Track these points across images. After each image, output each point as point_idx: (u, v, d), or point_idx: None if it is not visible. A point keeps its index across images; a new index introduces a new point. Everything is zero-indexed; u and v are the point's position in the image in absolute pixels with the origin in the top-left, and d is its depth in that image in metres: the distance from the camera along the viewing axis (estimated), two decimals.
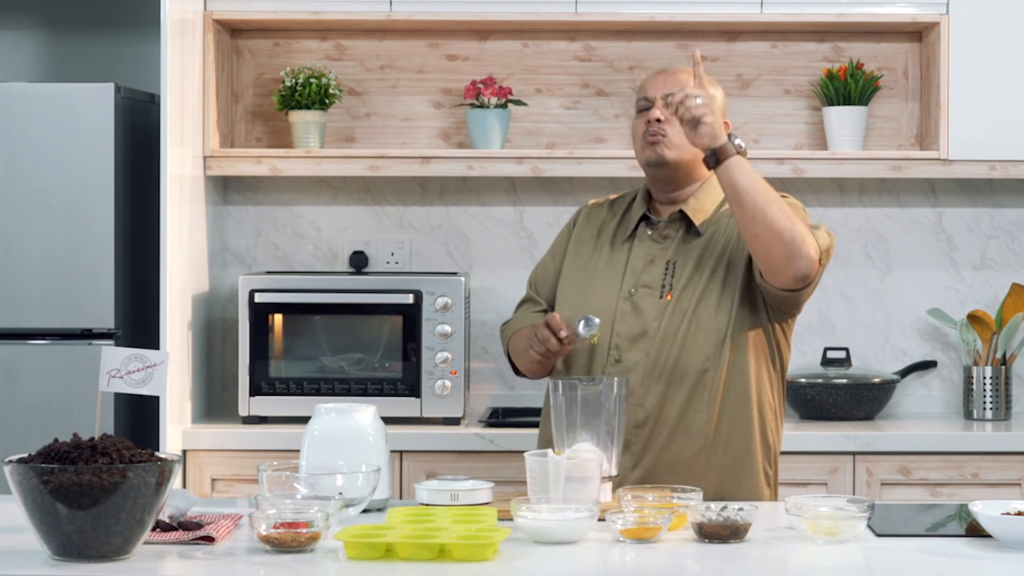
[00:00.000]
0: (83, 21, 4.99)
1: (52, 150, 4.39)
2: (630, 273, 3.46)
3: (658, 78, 3.51)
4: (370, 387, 4.54)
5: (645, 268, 3.45)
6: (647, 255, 3.47)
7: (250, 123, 4.97)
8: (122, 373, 2.88)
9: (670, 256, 3.45)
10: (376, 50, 4.96)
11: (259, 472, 3.01)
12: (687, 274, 3.42)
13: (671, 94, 3.37)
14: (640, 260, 3.46)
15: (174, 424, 4.38)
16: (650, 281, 3.44)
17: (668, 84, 3.46)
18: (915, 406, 4.92)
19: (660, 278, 3.44)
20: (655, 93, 3.47)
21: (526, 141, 4.94)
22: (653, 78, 3.52)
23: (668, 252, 3.46)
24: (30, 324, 4.41)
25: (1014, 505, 2.93)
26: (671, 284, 3.42)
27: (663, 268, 3.44)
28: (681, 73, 3.50)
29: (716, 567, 2.74)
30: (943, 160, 4.65)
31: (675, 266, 3.44)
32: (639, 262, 3.46)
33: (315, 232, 4.98)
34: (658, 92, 3.46)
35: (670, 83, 3.46)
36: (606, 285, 3.47)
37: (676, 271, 3.43)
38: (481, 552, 2.69)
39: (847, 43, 4.91)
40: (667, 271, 3.44)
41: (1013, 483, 4.41)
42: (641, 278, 3.45)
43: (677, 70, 3.53)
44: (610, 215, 3.58)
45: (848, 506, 2.93)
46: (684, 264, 3.43)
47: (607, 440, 3.17)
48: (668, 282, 3.43)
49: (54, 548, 2.65)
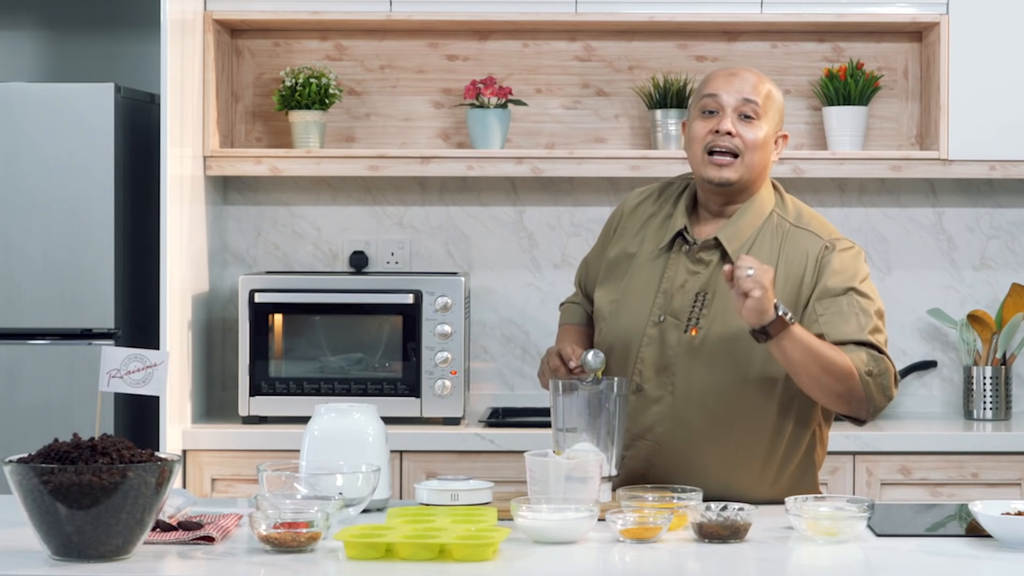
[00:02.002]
0: (83, 21, 4.99)
1: (52, 150, 4.39)
2: (662, 295, 3.27)
3: (728, 80, 3.26)
4: (370, 387, 4.54)
5: (676, 293, 3.26)
6: (680, 278, 3.26)
7: (250, 123, 4.97)
8: (122, 373, 2.88)
9: (702, 286, 3.25)
10: (376, 50, 4.97)
11: (259, 472, 3.01)
12: (717, 309, 3.22)
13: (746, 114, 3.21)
14: (672, 282, 3.26)
15: (174, 424, 4.38)
16: (678, 310, 3.24)
17: (738, 88, 3.24)
18: (915, 406, 4.92)
19: (688, 308, 3.24)
20: (727, 96, 3.24)
21: (526, 141, 4.94)
22: (720, 78, 3.28)
23: (701, 279, 3.25)
24: (30, 324, 4.41)
25: (1014, 505, 2.93)
26: (698, 318, 3.23)
27: (693, 298, 3.24)
28: (750, 74, 3.28)
29: (716, 567, 2.74)
30: (943, 160, 4.65)
31: (705, 298, 3.23)
32: (671, 284, 3.26)
33: (315, 232, 4.98)
34: (729, 95, 3.24)
35: (738, 86, 3.24)
36: (638, 306, 3.29)
37: (706, 304, 3.24)
38: (481, 552, 2.69)
39: (847, 43, 4.91)
40: (696, 302, 3.24)
41: (1013, 483, 4.41)
42: (671, 305, 3.25)
43: (742, 70, 3.29)
44: (655, 209, 3.38)
45: (848, 506, 2.93)
46: (714, 296, 3.23)
47: (607, 440, 3.17)
48: (696, 315, 3.23)
49: (54, 548, 2.65)
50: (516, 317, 4.96)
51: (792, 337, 3.06)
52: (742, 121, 3.23)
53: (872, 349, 3.17)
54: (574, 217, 4.95)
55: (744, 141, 3.23)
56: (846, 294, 3.20)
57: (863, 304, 3.20)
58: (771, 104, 3.27)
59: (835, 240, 3.27)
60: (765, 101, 3.25)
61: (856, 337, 3.16)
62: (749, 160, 3.24)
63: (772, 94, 3.28)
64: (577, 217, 4.94)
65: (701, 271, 3.27)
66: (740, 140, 3.23)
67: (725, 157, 3.23)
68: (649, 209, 3.40)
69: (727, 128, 3.22)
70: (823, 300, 3.20)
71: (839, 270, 3.22)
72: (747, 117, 3.23)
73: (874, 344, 3.17)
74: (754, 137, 3.24)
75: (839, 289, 3.20)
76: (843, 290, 3.20)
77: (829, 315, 3.19)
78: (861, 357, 3.15)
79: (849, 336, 3.16)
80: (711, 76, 3.31)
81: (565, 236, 4.94)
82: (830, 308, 3.19)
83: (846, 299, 3.20)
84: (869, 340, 3.17)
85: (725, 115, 3.23)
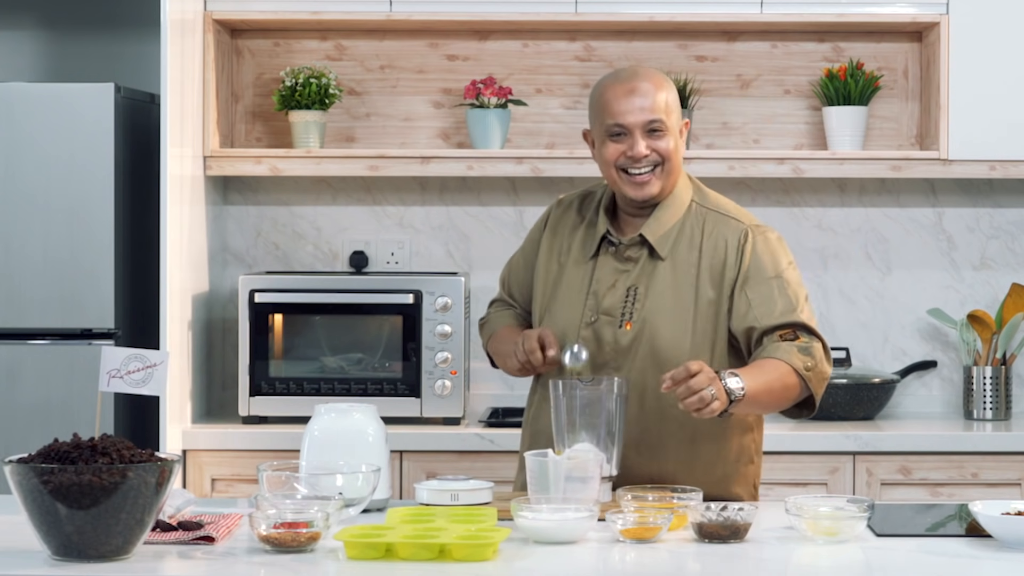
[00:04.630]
0: (83, 21, 4.99)
1: (52, 150, 4.39)
2: (592, 296, 3.34)
3: (628, 100, 3.26)
4: (370, 387, 4.54)
5: (606, 293, 3.33)
6: (609, 278, 3.34)
7: (250, 123, 4.97)
8: (122, 373, 2.88)
9: (632, 281, 3.32)
10: (376, 50, 4.97)
11: (259, 472, 3.01)
12: (649, 302, 3.31)
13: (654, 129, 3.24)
14: (602, 283, 3.34)
15: (174, 424, 4.38)
16: (610, 308, 3.32)
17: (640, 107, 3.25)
18: (915, 406, 4.92)
19: (620, 305, 3.32)
20: (631, 118, 3.26)
21: (526, 141, 4.94)
22: (619, 99, 3.27)
23: (631, 276, 3.33)
24: (30, 324, 4.41)
25: (1014, 505, 2.93)
26: (631, 312, 3.30)
27: (623, 294, 3.32)
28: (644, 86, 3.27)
29: (716, 567, 2.74)
30: (943, 160, 4.65)
31: (636, 292, 3.32)
32: (601, 285, 3.34)
33: (315, 232, 4.98)
34: (633, 117, 3.26)
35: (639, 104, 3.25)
36: (569, 309, 3.36)
37: (637, 298, 3.31)
38: (481, 552, 2.69)
39: (847, 43, 4.91)
40: (627, 298, 3.32)
41: (1013, 483, 4.41)
42: (602, 304, 3.33)
43: (636, 82, 3.27)
44: (579, 219, 3.45)
45: (848, 506, 2.93)
46: (646, 290, 3.32)
47: (607, 440, 3.17)
48: (628, 310, 3.31)
49: (54, 548, 2.65)
50: None
51: (749, 401, 3.12)
52: (651, 136, 3.27)
53: (801, 329, 3.24)
54: None
55: (659, 153, 3.28)
56: (775, 279, 3.28)
57: (790, 287, 3.28)
58: (671, 108, 3.29)
59: (756, 226, 3.35)
60: (666, 108, 3.28)
61: (787, 318, 3.23)
62: (667, 168, 3.30)
63: (669, 98, 3.29)
64: None
65: (630, 268, 3.34)
66: (655, 154, 3.28)
67: (644, 175, 3.29)
68: (572, 219, 3.47)
69: (641, 152, 3.27)
70: (752, 287, 3.27)
71: (763, 256, 3.30)
72: (655, 132, 3.27)
73: (803, 323, 3.24)
74: (666, 147, 3.28)
75: (766, 275, 3.28)
76: (770, 276, 3.28)
77: (758, 301, 3.26)
78: (795, 356, 3.20)
79: (779, 318, 3.24)
80: (610, 96, 3.28)
81: None
82: (759, 294, 3.27)
83: (776, 283, 3.27)
84: (799, 320, 3.24)
85: (634, 138, 3.27)
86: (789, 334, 3.23)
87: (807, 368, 3.20)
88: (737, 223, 3.34)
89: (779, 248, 3.33)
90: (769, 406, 3.22)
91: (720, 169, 4.67)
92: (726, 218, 3.35)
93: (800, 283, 3.32)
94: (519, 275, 3.56)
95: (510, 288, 3.58)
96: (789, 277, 3.30)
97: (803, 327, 3.25)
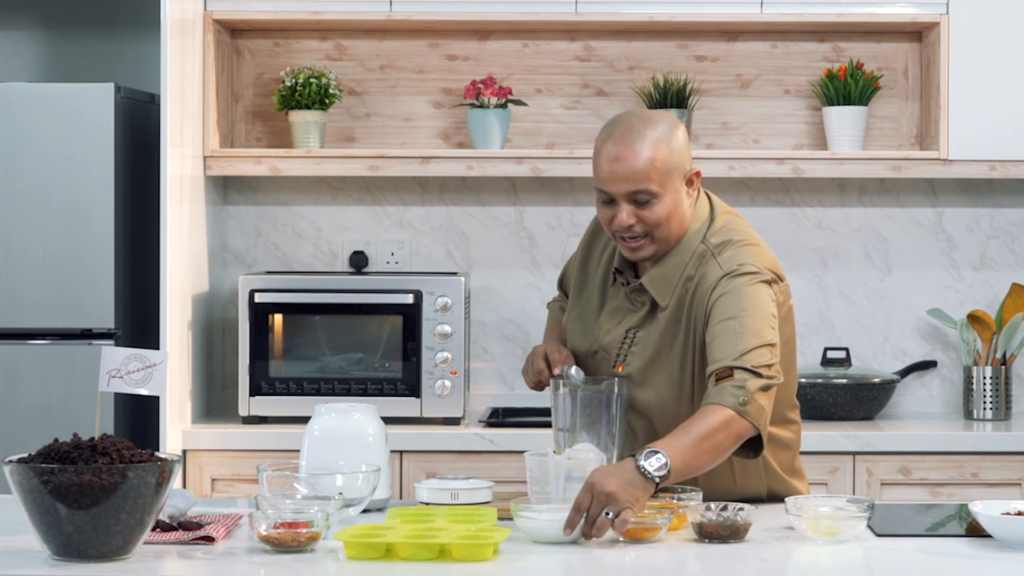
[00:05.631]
0: (83, 21, 4.99)
1: (52, 150, 4.39)
2: (599, 327, 3.31)
3: (612, 168, 3.16)
4: (370, 387, 4.54)
5: (610, 329, 3.29)
6: (615, 315, 3.30)
7: (250, 123, 4.97)
8: (122, 373, 2.88)
9: (633, 323, 3.26)
10: (376, 50, 4.97)
11: (259, 472, 3.01)
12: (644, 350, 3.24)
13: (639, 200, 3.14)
14: (609, 317, 3.30)
15: (174, 424, 4.38)
16: (608, 345, 3.28)
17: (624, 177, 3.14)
18: (915, 406, 4.92)
19: (617, 345, 3.28)
20: (615, 188, 3.16)
21: (526, 141, 4.94)
22: (605, 163, 3.17)
23: (633, 318, 3.27)
24: (30, 324, 4.41)
25: (1014, 505, 2.93)
26: (625, 355, 3.26)
27: (622, 335, 3.27)
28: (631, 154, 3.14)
29: (716, 567, 2.74)
30: (943, 160, 4.65)
31: (635, 336, 3.25)
32: (608, 319, 3.30)
33: (315, 232, 4.98)
34: (618, 187, 3.15)
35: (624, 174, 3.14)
36: (581, 331, 3.36)
37: (635, 341, 3.25)
38: (481, 552, 2.69)
39: (847, 43, 4.91)
40: (625, 339, 3.27)
41: (1013, 483, 4.41)
42: (604, 340, 3.30)
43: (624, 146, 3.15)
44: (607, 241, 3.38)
45: (848, 506, 2.94)
46: (644, 338, 3.25)
47: (608, 441, 3.17)
48: (624, 352, 3.27)
49: (54, 548, 2.65)
50: (516, 317, 4.96)
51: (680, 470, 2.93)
52: (638, 206, 3.17)
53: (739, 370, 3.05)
54: (574, 217, 4.94)
55: (648, 223, 3.18)
56: (729, 320, 3.11)
57: (745, 329, 3.09)
58: (663, 171, 3.16)
59: (735, 268, 3.17)
60: (655, 175, 3.15)
61: (725, 363, 3.06)
62: (660, 235, 3.20)
63: (659, 160, 3.16)
64: (577, 217, 4.94)
65: (635, 309, 3.27)
66: (643, 224, 3.18)
67: (636, 241, 3.21)
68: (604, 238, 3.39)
69: (624, 223, 3.17)
70: (710, 327, 3.14)
71: (728, 298, 3.13)
72: (642, 202, 3.17)
73: (738, 366, 3.05)
74: (654, 216, 3.18)
75: (723, 316, 3.12)
76: (725, 318, 3.12)
77: (712, 342, 3.11)
78: (726, 394, 3.03)
79: (718, 360, 3.07)
80: (600, 159, 3.19)
81: (565, 236, 4.94)
82: (714, 336, 3.12)
83: (728, 324, 3.10)
84: (737, 364, 3.05)
85: (619, 207, 3.17)
86: (725, 372, 3.06)
87: (742, 403, 3.00)
88: (717, 268, 3.19)
89: (746, 290, 3.14)
90: (712, 460, 2.99)
91: (720, 169, 4.67)
92: (713, 262, 3.20)
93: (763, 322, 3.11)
94: (568, 275, 3.54)
95: (563, 283, 3.57)
96: (745, 319, 3.10)
97: (741, 368, 3.05)
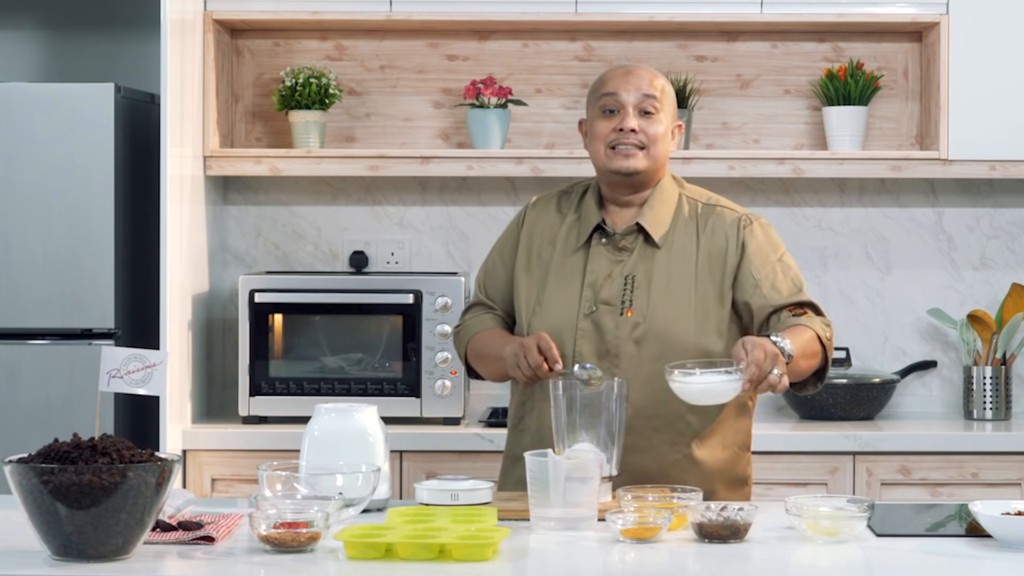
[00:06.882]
0: (83, 21, 4.99)
1: (52, 150, 4.39)
2: (588, 288, 3.38)
3: (625, 79, 3.40)
4: (370, 387, 4.54)
5: (604, 284, 3.38)
6: (604, 269, 3.39)
7: (250, 123, 4.97)
8: (122, 373, 2.88)
9: (628, 270, 3.38)
10: (376, 50, 4.97)
11: (259, 472, 3.01)
12: (650, 289, 3.36)
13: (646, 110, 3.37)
14: (597, 274, 3.38)
15: (174, 424, 4.39)
16: (609, 297, 3.36)
17: (636, 86, 3.38)
18: (915, 406, 4.92)
19: (619, 293, 3.37)
20: (626, 95, 3.38)
21: (526, 141, 4.94)
22: (616, 77, 3.41)
23: (626, 266, 3.39)
24: (30, 324, 4.41)
25: (1014, 505, 2.93)
26: (631, 300, 3.36)
27: (621, 283, 3.38)
28: (643, 71, 3.42)
29: (716, 567, 2.74)
30: (943, 160, 4.65)
31: (634, 280, 3.38)
32: (597, 276, 3.38)
33: (315, 232, 4.98)
34: (628, 94, 3.38)
35: (635, 83, 3.38)
36: (565, 301, 3.39)
37: (636, 285, 3.37)
38: (481, 552, 2.69)
39: (847, 43, 4.91)
40: (626, 286, 3.37)
41: (1013, 483, 4.41)
42: (600, 294, 3.37)
43: (635, 67, 3.43)
44: (559, 217, 3.49)
45: (848, 506, 2.94)
46: (644, 278, 3.37)
47: (607, 441, 3.17)
48: (628, 297, 3.36)
49: (54, 548, 2.65)
50: None
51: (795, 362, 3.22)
52: (643, 117, 3.38)
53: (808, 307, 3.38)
54: None
55: (647, 135, 3.38)
56: (778, 262, 3.41)
57: (791, 271, 3.43)
58: (666, 97, 3.41)
59: (749, 214, 3.46)
60: (661, 95, 3.40)
61: (796, 298, 3.38)
62: (654, 152, 3.39)
63: (666, 88, 3.43)
64: None
65: (625, 258, 3.40)
66: (644, 135, 3.38)
67: (631, 148, 3.38)
68: (552, 216, 3.52)
69: (631, 126, 3.37)
70: (757, 268, 3.39)
71: (763, 241, 3.42)
72: (647, 113, 3.38)
73: (811, 302, 3.39)
74: (655, 131, 3.38)
75: (769, 258, 3.41)
76: (773, 259, 3.41)
77: (766, 282, 3.38)
78: (816, 325, 3.33)
79: (788, 298, 3.37)
80: (608, 75, 3.44)
81: None
82: (765, 275, 3.39)
83: (779, 266, 3.41)
84: (807, 299, 3.39)
85: (627, 113, 3.39)
86: (800, 311, 3.35)
87: (828, 338, 3.33)
88: (732, 212, 3.46)
89: (774, 234, 3.47)
90: (801, 371, 3.28)
91: (720, 169, 4.67)
92: (720, 208, 3.46)
93: (796, 266, 3.47)
94: (497, 276, 3.55)
95: (487, 290, 3.57)
96: (788, 261, 3.44)
97: (811, 305, 3.38)
